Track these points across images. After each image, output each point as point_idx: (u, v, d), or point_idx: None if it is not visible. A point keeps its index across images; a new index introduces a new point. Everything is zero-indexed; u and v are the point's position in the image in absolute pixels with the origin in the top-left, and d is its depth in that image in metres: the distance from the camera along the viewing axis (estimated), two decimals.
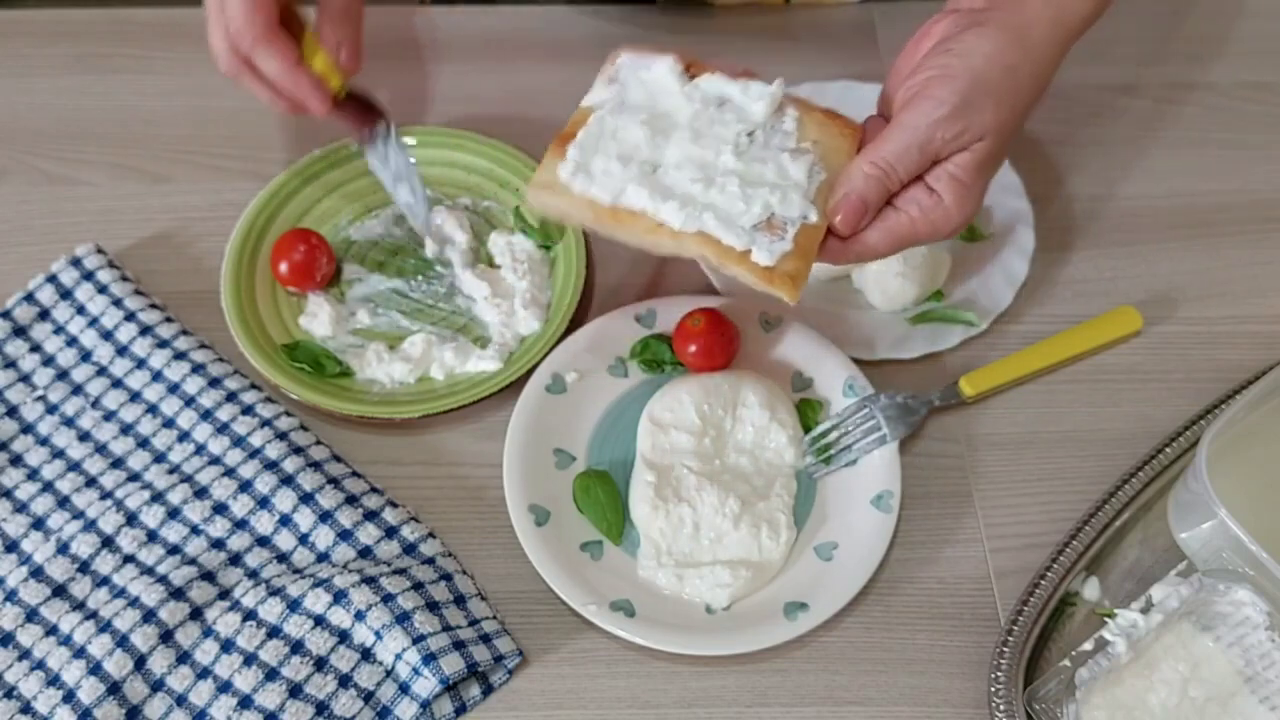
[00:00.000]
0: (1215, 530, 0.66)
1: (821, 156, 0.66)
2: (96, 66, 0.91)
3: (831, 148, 0.67)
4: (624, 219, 0.64)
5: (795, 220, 0.64)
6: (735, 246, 0.63)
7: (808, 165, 0.65)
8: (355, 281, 0.81)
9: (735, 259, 0.63)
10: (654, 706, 0.67)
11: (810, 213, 0.64)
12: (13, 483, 0.72)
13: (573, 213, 0.65)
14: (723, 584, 0.68)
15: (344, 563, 0.69)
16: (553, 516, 0.71)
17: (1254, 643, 0.65)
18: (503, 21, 0.95)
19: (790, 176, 0.65)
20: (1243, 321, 0.81)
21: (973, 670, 0.68)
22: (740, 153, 0.65)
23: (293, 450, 0.72)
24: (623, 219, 0.64)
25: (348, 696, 0.65)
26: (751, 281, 0.63)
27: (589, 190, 0.64)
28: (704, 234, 0.63)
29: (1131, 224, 0.85)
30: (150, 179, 0.86)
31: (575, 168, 0.65)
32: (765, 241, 0.63)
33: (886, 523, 0.70)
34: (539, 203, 0.65)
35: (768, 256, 0.62)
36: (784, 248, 0.63)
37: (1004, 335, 0.80)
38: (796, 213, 0.64)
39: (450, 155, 0.86)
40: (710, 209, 0.63)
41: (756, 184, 0.64)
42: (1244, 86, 0.92)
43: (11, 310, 0.78)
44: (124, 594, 0.67)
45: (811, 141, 0.66)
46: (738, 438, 0.73)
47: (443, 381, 0.77)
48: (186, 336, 0.77)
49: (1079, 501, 0.73)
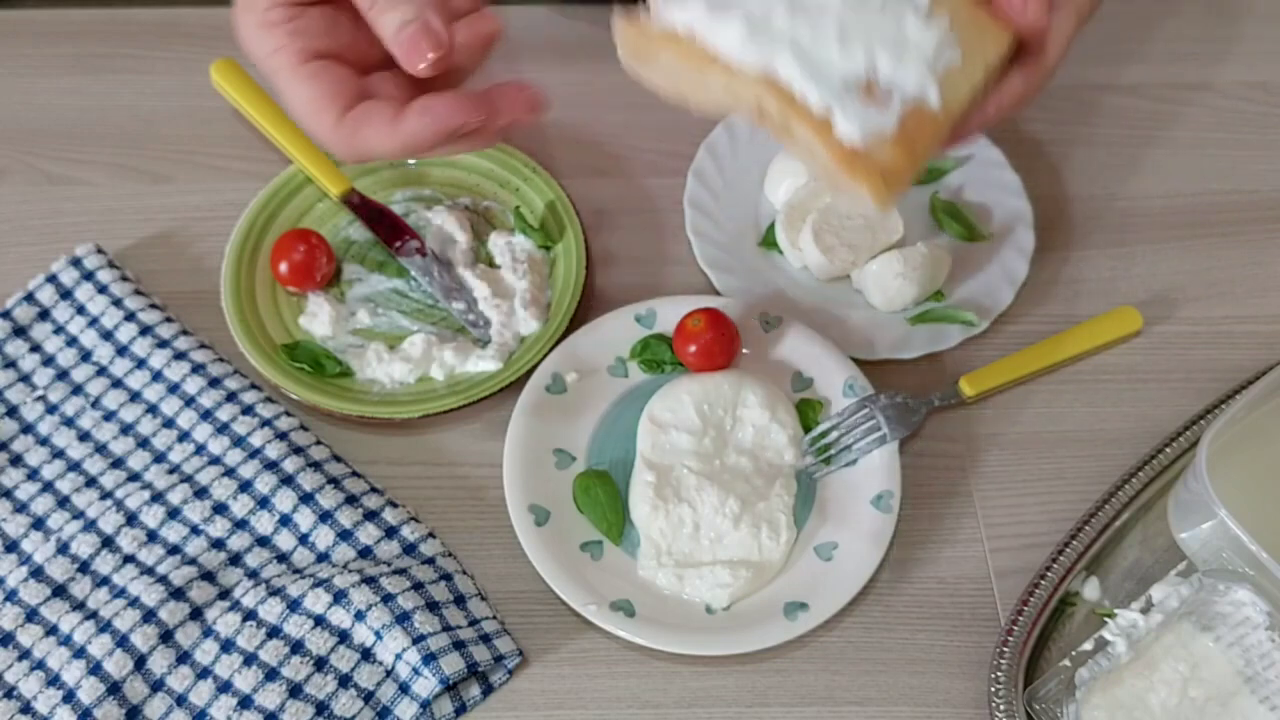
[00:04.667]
0: (1215, 530, 0.66)
1: (959, 34, 0.49)
2: (96, 66, 0.91)
3: (974, 27, 0.50)
4: (661, 42, 0.49)
5: (908, 95, 0.47)
6: (811, 103, 0.46)
7: (938, 37, 0.48)
8: (355, 281, 0.81)
9: (806, 120, 0.46)
10: (654, 706, 0.67)
11: (930, 91, 0.47)
12: (13, 483, 0.72)
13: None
14: (723, 584, 0.68)
15: (344, 563, 0.69)
16: (553, 516, 0.71)
17: (1254, 643, 0.65)
18: (503, 22, 0.95)
19: (911, 39, 0.48)
20: (1243, 321, 0.81)
21: (973, 670, 0.68)
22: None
23: (293, 450, 0.73)
24: (660, 42, 0.49)
25: (348, 696, 0.65)
26: (823, 162, 0.46)
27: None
28: (771, 78, 0.46)
29: (1131, 224, 0.85)
30: (150, 179, 0.86)
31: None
32: (857, 106, 0.46)
33: (886, 523, 0.70)
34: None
35: (857, 130, 0.45)
36: (883, 123, 0.46)
37: (1004, 335, 0.80)
38: (913, 83, 0.47)
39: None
40: (788, 43, 0.46)
41: (865, 30, 0.47)
42: (1244, 86, 0.92)
43: (11, 310, 0.78)
44: (124, 594, 0.67)
45: (950, 13, 0.50)
46: (738, 438, 0.73)
47: (443, 381, 0.77)
48: (186, 336, 0.77)
49: (1079, 501, 0.73)
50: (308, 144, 0.83)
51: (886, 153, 0.46)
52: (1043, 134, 0.89)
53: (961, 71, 0.49)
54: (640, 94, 0.91)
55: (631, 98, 0.90)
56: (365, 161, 0.70)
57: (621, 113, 0.89)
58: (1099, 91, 0.92)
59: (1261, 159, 0.89)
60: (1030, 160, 0.87)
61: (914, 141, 0.47)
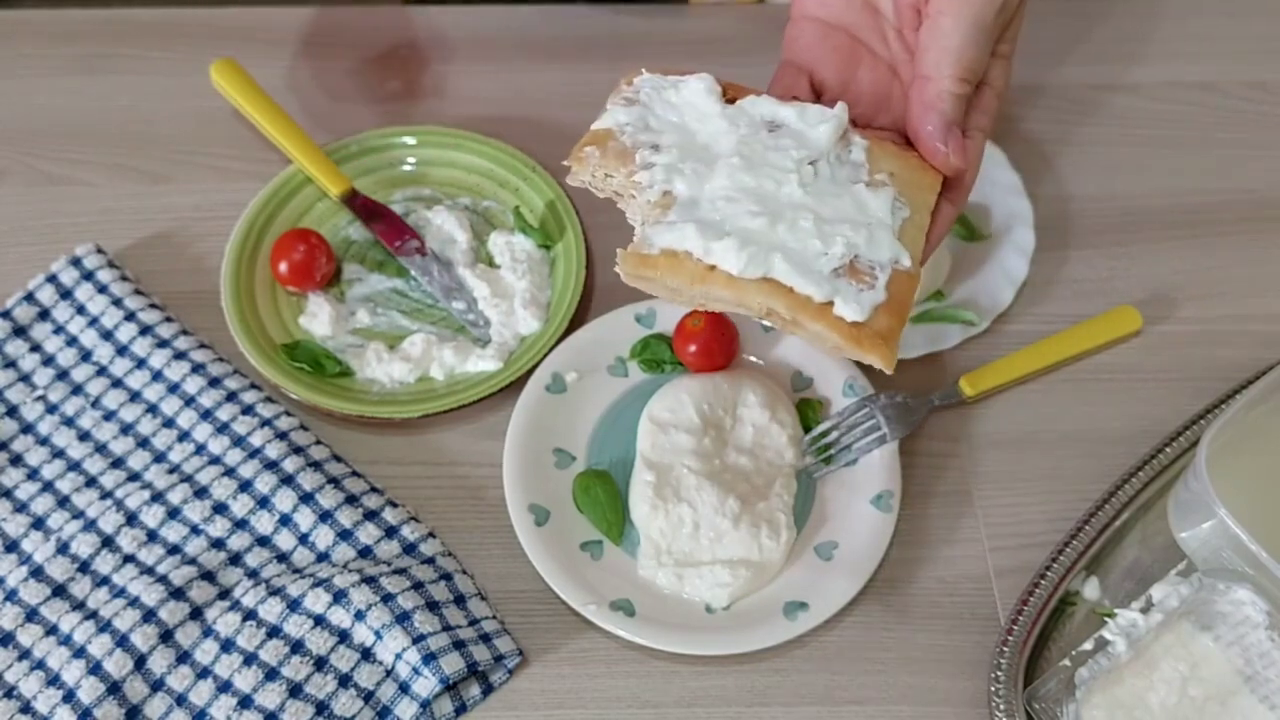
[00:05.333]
0: (1215, 530, 0.66)
1: (901, 190, 0.56)
2: (96, 66, 0.91)
3: (911, 181, 0.56)
4: (661, 265, 0.53)
5: (885, 265, 0.53)
6: (813, 297, 0.51)
7: (889, 200, 0.55)
8: (355, 281, 0.81)
9: (814, 312, 0.52)
10: (654, 706, 0.67)
11: (902, 256, 0.53)
12: (13, 482, 0.72)
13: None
14: (722, 583, 0.68)
15: (344, 562, 0.69)
16: (553, 516, 0.71)
17: (1254, 642, 0.65)
18: (503, 21, 0.95)
19: (872, 212, 0.54)
20: (1242, 321, 0.81)
21: (973, 670, 0.68)
22: (805, 184, 0.54)
23: (293, 450, 0.72)
24: (658, 264, 0.53)
25: (348, 696, 0.65)
26: (834, 343, 0.52)
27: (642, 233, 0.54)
28: (771, 281, 0.52)
29: (1131, 224, 0.85)
30: (150, 179, 0.86)
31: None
32: (851, 290, 0.51)
33: (886, 523, 0.70)
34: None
35: (857, 309, 0.51)
36: (875, 298, 0.52)
37: (1004, 335, 0.80)
38: (886, 255, 0.53)
39: (450, 155, 0.86)
40: (779, 249, 0.52)
41: (834, 220, 0.53)
42: (1244, 86, 0.92)
43: (11, 310, 0.78)
44: (124, 594, 0.67)
45: (888, 174, 0.56)
46: (738, 437, 0.73)
47: (443, 381, 0.77)
48: (186, 336, 0.77)
49: (1079, 501, 0.73)
50: (308, 144, 0.83)
51: (882, 320, 0.52)
52: (1043, 134, 0.89)
53: (913, 222, 0.55)
54: None
55: None
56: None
57: None
58: (1099, 91, 0.92)
59: (1261, 159, 0.89)
60: (1030, 160, 0.87)
61: (901, 302, 0.53)
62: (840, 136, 0.57)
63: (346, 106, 0.90)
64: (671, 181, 0.55)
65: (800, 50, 0.62)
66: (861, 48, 0.62)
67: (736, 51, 0.92)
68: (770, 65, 0.66)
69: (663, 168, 0.56)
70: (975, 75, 0.58)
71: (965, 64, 0.57)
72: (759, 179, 0.54)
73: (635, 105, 0.58)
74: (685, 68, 0.60)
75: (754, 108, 0.57)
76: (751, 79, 0.63)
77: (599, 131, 0.58)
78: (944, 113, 0.57)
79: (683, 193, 0.55)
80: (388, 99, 0.90)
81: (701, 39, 0.94)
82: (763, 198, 0.54)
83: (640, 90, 0.59)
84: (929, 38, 0.58)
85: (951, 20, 0.57)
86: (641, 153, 0.56)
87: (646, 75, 0.59)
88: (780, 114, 0.57)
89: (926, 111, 0.57)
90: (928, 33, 0.58)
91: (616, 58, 0.93)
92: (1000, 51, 0.60)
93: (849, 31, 0.62)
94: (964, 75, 0.57)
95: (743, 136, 0.56)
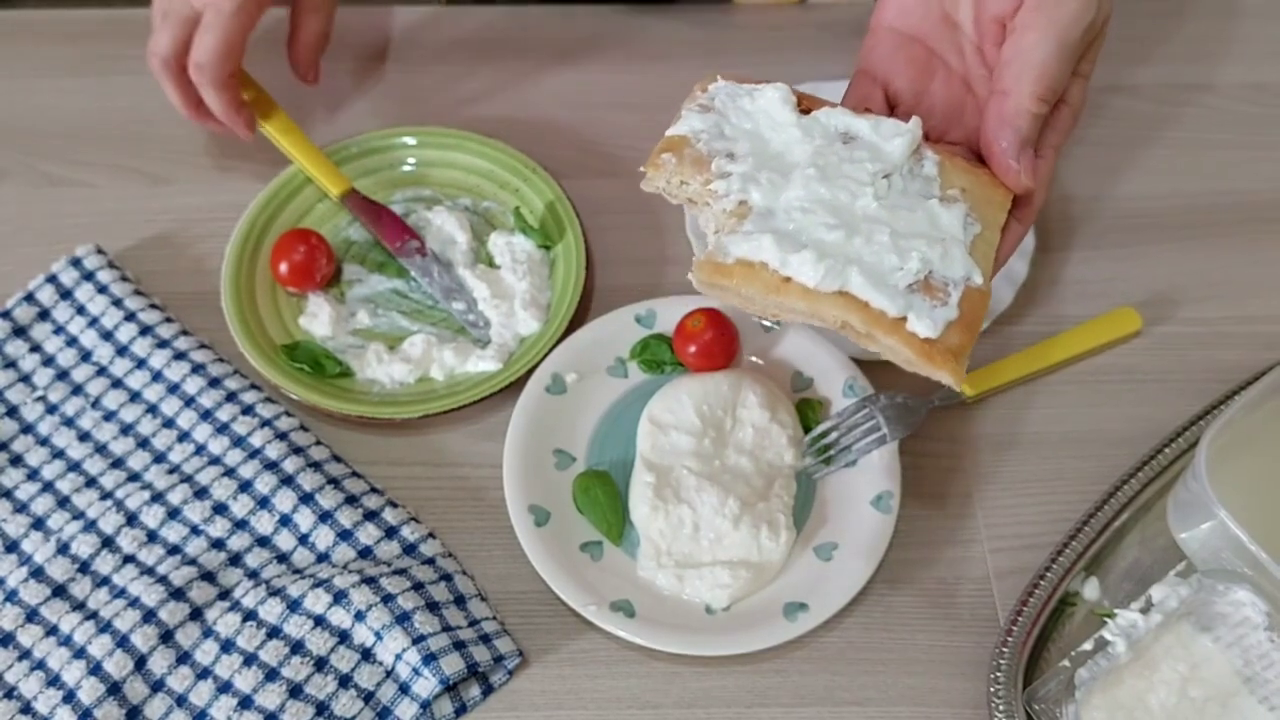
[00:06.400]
0: (1215, 530, 0.66)
1: (973, 207, 0.56)
2: (96, 66, 0.91)
3: (982, 198, 0.56)
4: (737, 274, 0.53)
5: (959, 282, 0.53)
6: (888, 311, 0.52)
7: (962, 216, 0.55)
8: (355, 282, 0.81)
9: (887, 327, 0.52)
10: (654, 706, 0.67)
11: (974, 273, 0.54)
12: (13, 483, 0.72)
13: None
14: (722, 584, 0.68)
15: (344, 563, 0.69)
16: (553, 517, 0.71)
17: (1253, 643, 0.65)
18: (503, 21, 0.95)
19: (945, 228, 0.54)
20: (1243, 321, 0.81)
21: (972, 670, 0.68)
22: (880, 197, 0.54)
23: (293, 450, 0.73)
24: (733, 274, 0.53)
25: (348, 697, 0.65)
26: (905, 358, 0.53)
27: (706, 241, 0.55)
28: (846, 294, 0.52)
29: (1131, 224, 0.85)
30: (150, 179, 0.86)
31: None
32: (925, 306, 0.52)
33: (886, 523, 0.70)
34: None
35: (930, 326, 0.52)
36: (948, 315, 0.52)
37: (1004, 335, 0.80)
38: (960, 272, 0.53)
39: (450, 155, 0.86)
40: (855, 263, 0.52)
41: (909, 235, 0.53)
42: (1244, 87, 0.92)
43: (11, 310, 0.78)
44: (124, 594, 0.68)
45: (960, 190, 0.56)
46: (738, 438, 0.73)
47: (443, 382, 0.77)
48: (186, 337, 0.77)
49: (1079, 502, 0.73)
50: (308, 144, 0.83)
51: (955, 336, 0.52)
52: None
53: (983, 238, 0.55)
54: (640, 94, 0.91)
55: (631, 98, 0.91)
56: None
57: (621, 113, 0.90)
58: (1099, 91, 0.92)
59: (1261, 159, 0.89)
60: None
61: (972, 319, 0.53)
62: (913, 151, 0.57)
63: (346, 106, 0.90)
64: (747, 191, 0.55)
65: (877, 60, 0.61)
66: (937, 60, 0.61)
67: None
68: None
69: (739, 177, 0.56)
70: (1055, 94, 0.57)
71: (1047, 82, 0.56)
72: (834, 191, 0.54)
73: (710, 112, 0.58)
74: (758, 77, 0.60)
75: (829, 119, 0.57)
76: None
77: (674, 138, 0.57)
78: (1020, 130, 0.57)
79: (758, 202, 0.55)
80: (387, 99, 0.90)
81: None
82: (838, 210, 0.54)
83: (715, 97, 0.59)
84: (1012, 53, 0.57)
85: (1037, 36, 0.56)
86: (717, 161, 0.56)
87: (722, 82, 0.59)
88: (855, 126, 0.57)
89: (1002, 127, 0.57)
90: (1011, 48, 0.57)
91: (617, 58, 0.93)
92: (1080, 70, 0.59)
93: (925, 43, 0.61)
94: (1044, 94, 0.56)
95: (818, 147, 0.56)
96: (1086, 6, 0.57)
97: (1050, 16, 0.56)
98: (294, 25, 0.86)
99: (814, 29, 0.94)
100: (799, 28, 0.94)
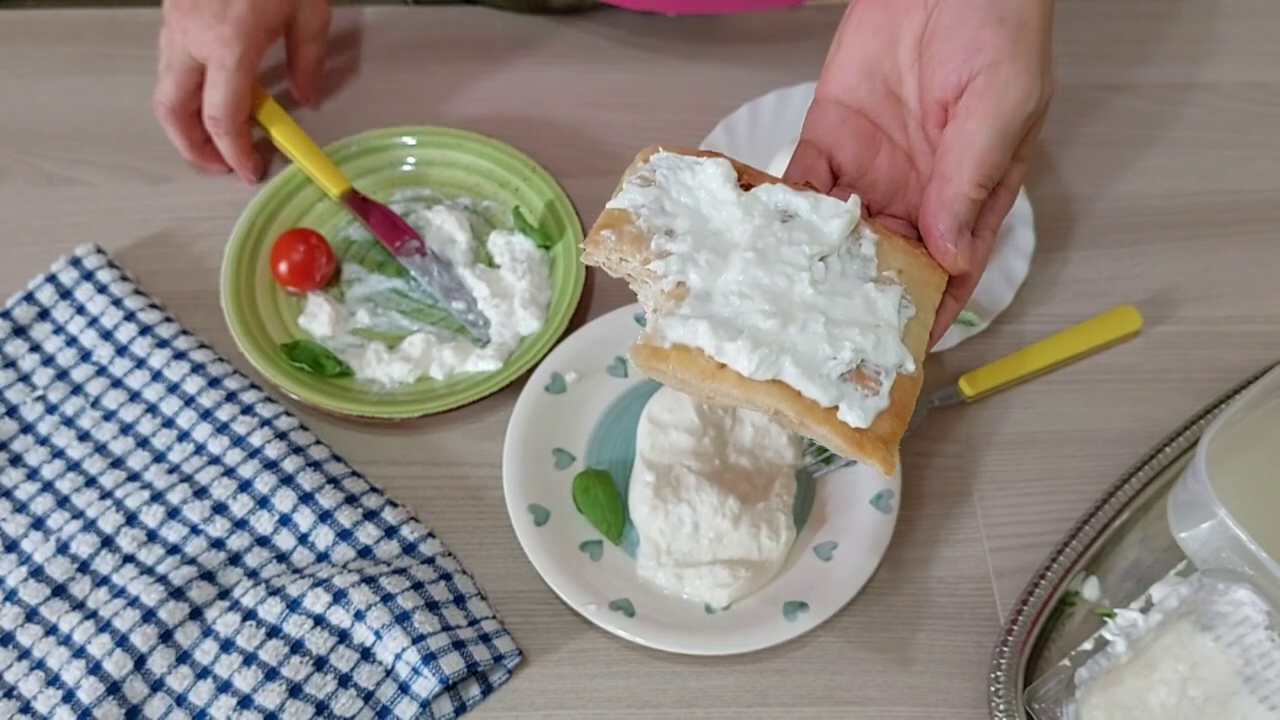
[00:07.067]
0: (1215, 530, 0.66)
1: (909, 288, 0.56)
2: (96, 66, 0.91)
3: (919, 279, 0.56)
4: (673, 358, 0.53)
5: (890, 369, 0.53)
6: (819, 401, 0.52)
7: (896, 299, 0.55)
8: (355, 281, 0.81)
9: (819, 417, 0.52)
10: (654, 706, 0.67)
11: (907, 360, 0.54)
12: (13, 483, 0.72)
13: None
14: (722, 584, 0.68)
15: (344, 562, 0.69)
16: (552, 516, 0.71)
17: (1253, 642, 0.65)
18: (503, 22, 0.95)
19: (880, 314, 0.54)
20: (1243, 321, 0.81)
21: (973, 670, 0.68)
22: (817, 281, 0.54)
23: (292, 450, 0.73)
24: (669, 358, 0.53)
25: (347, 696, 0.65)
26: (835, 445, 0.53)
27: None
28: (780, 383, 0.52)
29: (1131, 224, 0.85)
30: (150, 179, 0.86)
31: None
32: (856, 396, 0.52)
33: (886, 523, 0.70)
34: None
35: (860, 416, 0.52)
36: (879, 404, 0.52)
37: (1004, 335, 0.80)
38: (892, 360, 0.54)
39: (450, 155, 0.86)
40: (788, 352, 0.52)
41: (843, 323, 0.54)
42: (1244, 86, 0.92)
43: (11, 310, 0.78)
44: (124, 594, 0.68)
45: (896, 271, 0.56)
46: (737, 437, 0.73)
47: (442, 381, 0.77)
48: (186, 336, 0.77)
49: (1079, 501, 0.73)
50: (308, 144, 0.83)
51: (885, 424, 0.53)
52: (1043, 134, 0.89)
53: (918, 320, 0.56)
54: (640, 94, 0.91)
55: (631, 98, 0.91)
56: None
57: (621, 113, 0.90)
58: (1099, 91, 0.92)
59: (1261, 159, 0.89)
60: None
61: (903, 406, 0.53)
62: (852, 230, 0.57)
63: (346, 106, 0.90)
64: (685, 272, 0.55)
65: (822, 132, 0.61)
66: (881, 135, 0.62)
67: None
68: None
69: (678, 257, 0.55)
70: (994, 181, 0.58)
71: (986, 170, 0.57)
72: (772, 275, 0.54)
73: (651, 185, 0.57)
74: (701, 150, 0.59)
75: (769, 196, 0.57)
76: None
77: (615, 212, 0.57)
78: (958, 214, 0.57)
79: (696, 285, 0.55)
80: (387, 99, 0.90)
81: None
82: (775, 296, 0.54)
83: (657, 169, 0.58)
84: (953, 138, 0.57)
85: (977, 124, 0.57)
86: (657, 239, 0.56)
87: (664, 154, 0.58)
88: (794, 204, 0.57)
89: (940, 211, 0.57)
90: (953, 133, 0.57)
91: (617, 58, 0.93)
92: (1020, 155, 0.60)
93: (870, 117, 0.62)
94: (983, 181, 0.57)
95: (757, 227, 0.56)
96: (1028, 96, 0.57)
97: (992, 104, 0.57)
98: (291, 55, 0.87)
99: (806, 30, 0.94)
100: (793, 28, 0.94)
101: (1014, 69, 0.57)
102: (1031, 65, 0.57)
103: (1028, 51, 0.57)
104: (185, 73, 0.81)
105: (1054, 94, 0.59)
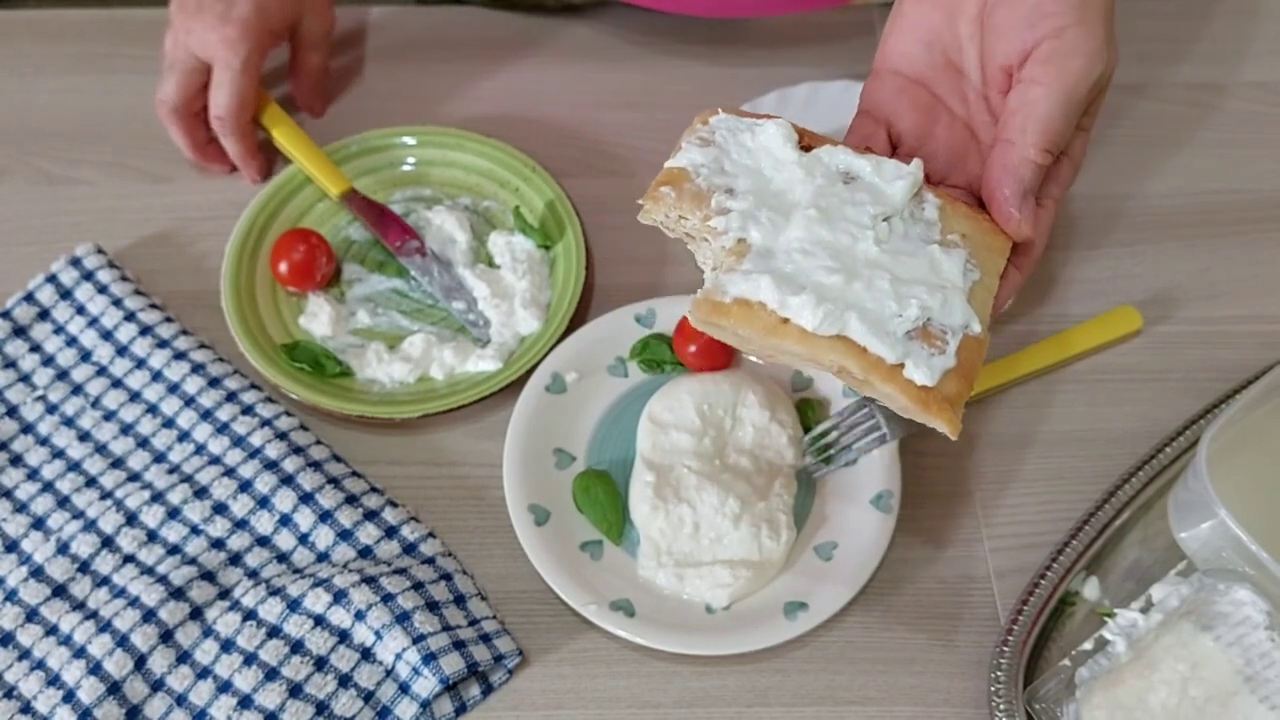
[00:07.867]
0: (1215, 530, 0.66)
1: (973, 252, 0.55)
2: (96, 66, 0.91)
3: (982, 244, 0.56)
4: (735, 313, 0.53)
5: (957, 329, 0.53)
6: (885, 358, 0.51)
7: (961, 262, 0.55)
8: (355, 281, 0.81)
9: (885, 374, 0.52)
10: (654, 706, 0.67)
11: (972, 321, 0.53)
12: (13, 483, 0.72)
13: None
14: (723, 584, 0.68)
15: (344, 562, 0.69)
16: (553, 516, 0.71)
17: (1254, 642, 0.65)
18: (503, 22, 0.95)
19: (945, 275, 0.54)
20: (1243, 321, 0.81)
21: (973, 670, 0.68)
22: (881, 241, 0.54)
23: (293, 450, 0.73)
24: (730, 313, 0.53)
25: (348, 696, 0.65)
26: (901, 405, 0.53)
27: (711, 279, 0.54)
28: (845, 339, 0.52)
29: (1131, 224, 0.85)
30: (150, 179, 0.86)
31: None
32: (923, 354, 0.52)
33: (886, 523, 0.70)
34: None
35: (927, 374, 0.51)
36: (946, 363, 0.52)
37: (1004, 335, 0.80)
38: (959, 319, 0.53)
39: (450, 155, 0.86)
40: (854, 308, 0.52)
41: (909, 281, 0.53)
42: (1246, 86, 0.92)
43: (11, 310, 0.78)
44: (124, 594, 0.68)
45: (960, 235, 0.56)
46: (738, 437, 0.73)
47: (443, 381, 0.77)
48: (186, 336, 0.77)
49: (1079, 501, 0.73)
50: (308, 144, 0.83)
51: (951, 385, 0.52)
52: None
53: (982, 285, 0.55)
54: (640, 94, 0.91)
55: (631, 98, 0.91)
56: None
57: (621, 113, 0.90)
58: None
59: (1263, 159, 0.89)
60: None
61: (969, 367, 0.53)
62: (914, 194, 0.56)
63: (346, 106, 0.90)
64: (747, 229, 0.55)
65: (880, 102, 0.61)
66: (941, 105, 0.61)
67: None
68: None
69: (739, 214, 0.55)
70: (1059, 147, 0.57)
71: (1051, 135, 0.56)
72: (835, 233, 0.54)
73: (710, 146, 0.57)
74: (760, 113, 0.59)
75: (830, 158, 0.56)
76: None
77: (674, 170, 0.56)
78: (1023, 179, 0.56)
79: (758, 241, 0.54)
80: (387, 99, 0.90)
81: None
82: (838, 253, 0.53)
83: (716, 131, 0.57)
84: (1018, 103, 0.57)
85: (1043, 89, 0.56)
86: (717, 197, 0.55)
87: (723, 115, 0.58)
88: (856, 166, 0.56)
89: (1005, 175, 0.57)
90: (1017, 98, 0.57)
91: (618, 57, 0.93)
92: (1082, 125, 0.59)
93: (929, 88, 0.61)
94: (1048, 146, 0.56)
95: (819, 187, 0.55)
96: (1093, 62, 0.57)
97: (1058, 71, 0.56)
98: (294, 62, 0.88)
99: (817, 30, 0.94)
100: (793, 28, 0.94)
101: (1080, 34, 0.56)
102: (1097, 32, 0.57)
103: (1094, 18, 0.57)
104: (189, 73, 0.81)
105: (1116, 66, 0.59)
